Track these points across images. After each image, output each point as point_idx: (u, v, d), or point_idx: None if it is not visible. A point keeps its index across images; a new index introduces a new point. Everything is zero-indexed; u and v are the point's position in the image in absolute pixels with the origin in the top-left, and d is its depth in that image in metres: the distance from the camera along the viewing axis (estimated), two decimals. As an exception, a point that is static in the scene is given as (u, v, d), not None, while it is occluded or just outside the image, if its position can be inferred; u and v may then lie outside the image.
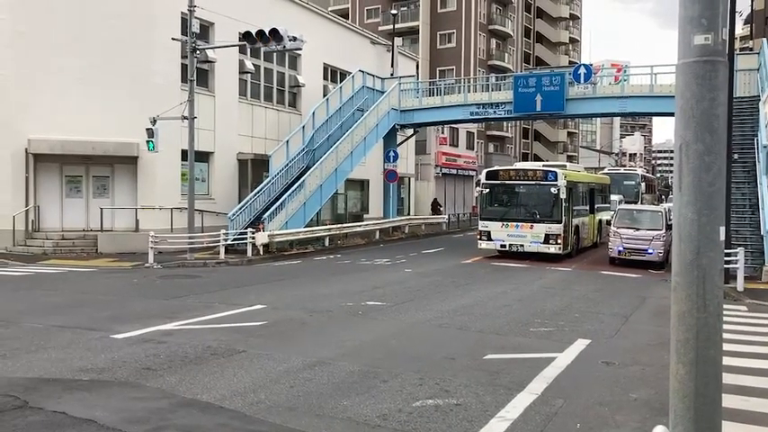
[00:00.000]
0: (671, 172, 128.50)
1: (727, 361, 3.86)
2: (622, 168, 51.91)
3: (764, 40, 25.95)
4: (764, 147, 18.98)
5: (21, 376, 6.94)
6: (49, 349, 8.16)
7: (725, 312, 3.16)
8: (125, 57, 21.41)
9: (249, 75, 26.31)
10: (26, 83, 20.82)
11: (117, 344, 8.51)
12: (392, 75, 33.71)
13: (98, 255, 20.58)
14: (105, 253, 20.73)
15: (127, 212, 22.11)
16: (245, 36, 18.47)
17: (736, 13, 21.94)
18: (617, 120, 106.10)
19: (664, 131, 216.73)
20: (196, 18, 19.81)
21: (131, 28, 21.45)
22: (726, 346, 3.31)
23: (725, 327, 3.24)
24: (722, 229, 3.07)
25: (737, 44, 34.00)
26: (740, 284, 14.61)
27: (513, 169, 22.25)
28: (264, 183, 24.02)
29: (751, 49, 31.84)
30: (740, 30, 42.27)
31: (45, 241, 20.99)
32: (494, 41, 57.83)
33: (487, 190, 21.59)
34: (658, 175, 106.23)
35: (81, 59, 21.11)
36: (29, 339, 8.71)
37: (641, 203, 33.06)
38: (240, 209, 22.49)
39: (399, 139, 32.49)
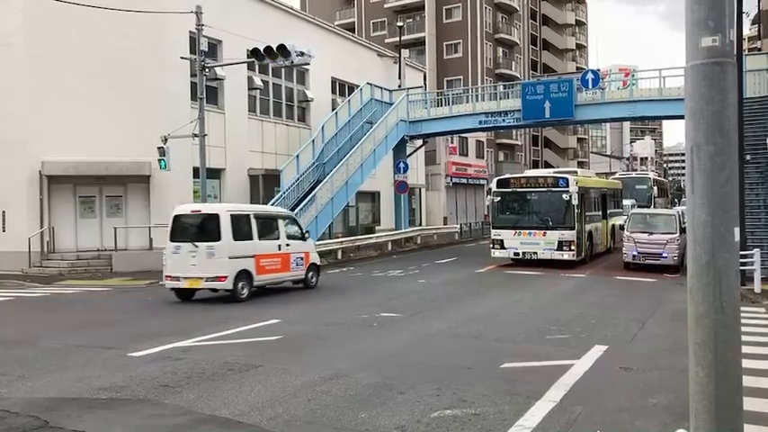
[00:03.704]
0: (683, 175, 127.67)
1: (747, 364, 3.83)
2: (634, 173, 51.64)
3: (773, 39, 25.83)
4: (777, 147, 18.84)
5: (40, 396, 6.99)
6: (67, 369, 8.21)
7: (742, 315, 3.14)
8: (135, 76, 21.64)
9: (258, 91, 26.50)
10: (39, 106, 21.08)
11: (134, 362, 8.56)
12: (400, 86, 33.83)
13: (113, 274, 20.71)
14: (120, 272, 20.85)
15: (140, 231, 22.26)
16: (253, 53, 18.61)
17: (744, 14, 21.87)
18: (627, 124, 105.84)
19: (674, 134, 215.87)
20: (204, 36, 19.99)
21: (140, 48, 21.69)
22: (745, 349, 3.29)
23: (743, 329, 3.22)
24: (737, 230, 3.06)
25: (745, 45, 33.88)
26: (757, 286, 14.48)
27: (524, 177, 22.22)
28: (276, 197, 24.10)
29: (759, 50, 31.68)
30: (748, 30, 42.09)
31: (60, 262, 21.17)
32: (500, 50, 57.93)
33: (499, 198, 21.56)
34: (670, 178, 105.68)
35: (92, 81, 21.36)
36: (47, 359, 8.77)
37: (654, 207, 32.88)
38: (252, 224, 22.54)
39: (409, 150, 32.55)
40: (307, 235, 17.06)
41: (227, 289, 14.15)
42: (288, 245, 15.85)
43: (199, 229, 14.64)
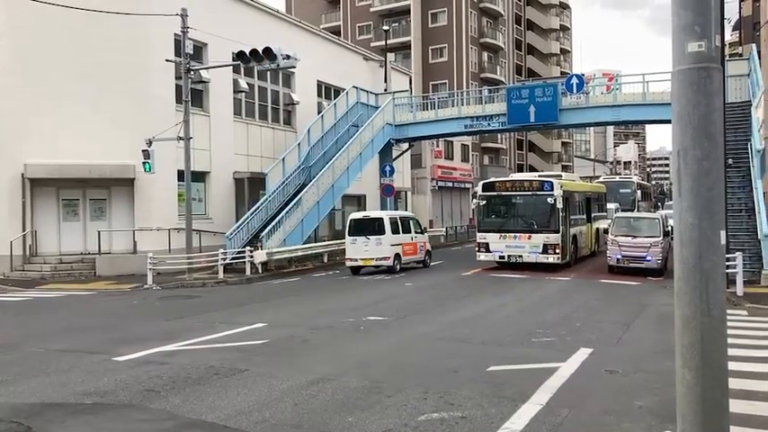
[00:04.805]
0: (666, 179, 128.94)
1: (731, 366, 3.87)
2: (618, 177, 52.05)
3: (753, 45, 26.19)
4: (758, 151, 19.09)
5: (23, 402, 6.90)
6: (50, 374, 8.12)
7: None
8: (119, 79, 21.49)
9: (243, 94, 26.42)
10: (22, 108, 20.87)
11: (119, 366, 8.48)
12: (386, 90, 33.89)
13: (97, 278, 20.53)
14: (104, 276, 20.68)
15: (124, 234, 22.08)
16: (239, 55, 18.56)
17: (725, 20, 22.16)
18: (610, 129, 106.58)
19: (657, 139, 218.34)
20: (189, 39, 19.91)
21: (125, 50, 21.54)
22: (729, 351, 3.32)
23: (727, 331, 3.25)
24: (723, 233, 3.09)
25: (727, 50, 34.26)
26: (740, 289, 14.63)
27: (509, 180, 22.32)
28: (261, 201, 24.03)
29: (740, 55, 32.08)
30: (729, 36, 42.60)
31: (43, 266, 20.94)
32: (485, 54, 58.19)
33: (484, 202, 21.62)
34: (653, 182, 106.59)
35: (76, 83, 21.18)
36: (30, 364, 8.67)
37: (637, 211, 33.16)
38: (238, 228, 22.48)
39: (395, 153, 32.59)
40: (424, 230, 24.12)
41: (388, 265, 20.90)
42: (415, 237, 22.54)
43: (369, 227, 21.12)
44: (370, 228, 21.10)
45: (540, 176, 23.39)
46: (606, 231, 22.64)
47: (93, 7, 19.77)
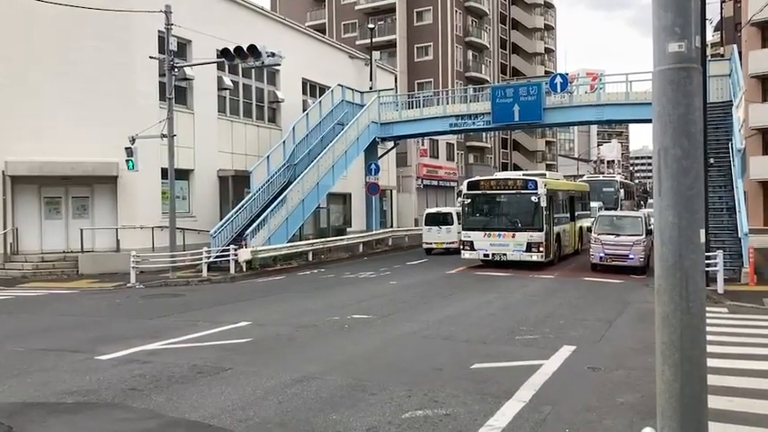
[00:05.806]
0: (649, 178, 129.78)
1: (710, 362, 3.92)
2: (601, 175, 52.35)
3: (734, 46, 26.49)
4: (739, 151, 19.32)
5: (3, 401, 6.84)
6: (32, 373, 8.05)
7: (706, 314, 3.22)
8: (103, 76, 21.29)
9: (228, 91, 26.28)
10: (4, 105, 20.61)
11: (102, 365, 8.42)
12: (371, 88, 33.87)
13: (79, 276, 20.35)
14: (86, 274, 20.50)
15: (107, 232, 21.90)
16: (223, 53, 18.47)
17: (707, 21, 22.38)
18: (594, 128, 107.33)
19: (640, 138, 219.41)
20: (173, 36, 19.78)
21: (109, 48, 21.35)
22: (709, 348, 3.37)
23: (707, 329, 3.29)
24: (702, 232, 3.12)
25: (708, 51, 34.63)
26: (720, 287, 14.80)
27: (493, 179, 22.39)
28: (246, 199, 23.93)
29: (722, 56, 32.42)
30: (710, 37, 43.05)
31: (24, 264, 20.72)
32: (470, 53, 58.34)
33: (469, 200, 21.70)
34: (636, 181, 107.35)
35: (58, 80, 20.97)
36: (11, 363, 8.59)
37: (620, 209, 33.41)
38: (222, 226, 22.37)
39: (380, 151, 32.60)
40: None
41: (455, 248, 24.87)
42: None
43: (440, 219, 27.63)
44: (440, 220, 27.37)
45: (524, 175, 23.50)
46: (589, 230, 22.81)
47: (76, 3, 19.57)
